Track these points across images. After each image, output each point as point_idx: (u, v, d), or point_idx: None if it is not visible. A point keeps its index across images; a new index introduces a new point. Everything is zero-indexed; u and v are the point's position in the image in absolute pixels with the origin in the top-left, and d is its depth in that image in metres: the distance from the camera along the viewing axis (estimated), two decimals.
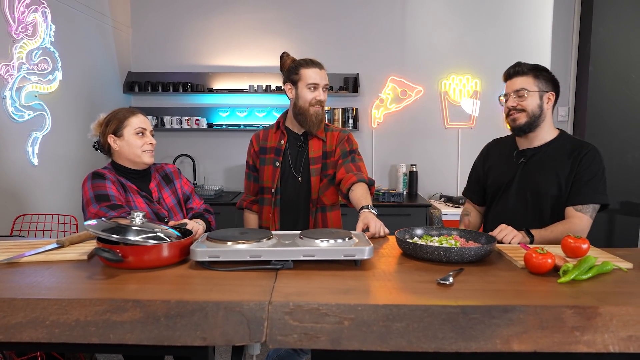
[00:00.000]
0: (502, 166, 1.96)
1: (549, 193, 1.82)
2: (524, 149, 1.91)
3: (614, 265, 1.34)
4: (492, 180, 1.99)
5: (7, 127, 2.81)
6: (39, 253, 1.43)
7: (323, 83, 2.06)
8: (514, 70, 1.86)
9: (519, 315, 1.05)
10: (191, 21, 4.35)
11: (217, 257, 1.32)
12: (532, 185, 1.85)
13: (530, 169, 1.87)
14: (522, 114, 1.83)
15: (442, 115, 4.37)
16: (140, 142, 1.85)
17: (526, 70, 1.84)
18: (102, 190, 1.76)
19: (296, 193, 2.12)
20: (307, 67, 2.05)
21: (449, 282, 1.20)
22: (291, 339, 1.05)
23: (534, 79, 1.83)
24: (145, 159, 1.87)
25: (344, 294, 1.13)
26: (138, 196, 1.85)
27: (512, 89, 1.85)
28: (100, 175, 1.81)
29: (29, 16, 2.94)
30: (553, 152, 1.85)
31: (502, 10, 4.25)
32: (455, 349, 1.04)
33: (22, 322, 1.07)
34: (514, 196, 1.90)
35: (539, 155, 1.87)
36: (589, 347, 1.05)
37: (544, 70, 1.86)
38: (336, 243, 1.38)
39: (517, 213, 1.88)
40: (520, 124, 1.84)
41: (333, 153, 2.12)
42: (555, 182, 1.81)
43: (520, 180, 1.88)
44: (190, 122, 4.25)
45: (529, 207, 1.86)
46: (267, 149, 2.15)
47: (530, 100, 1.82)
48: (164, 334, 1.06)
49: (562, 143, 1.86)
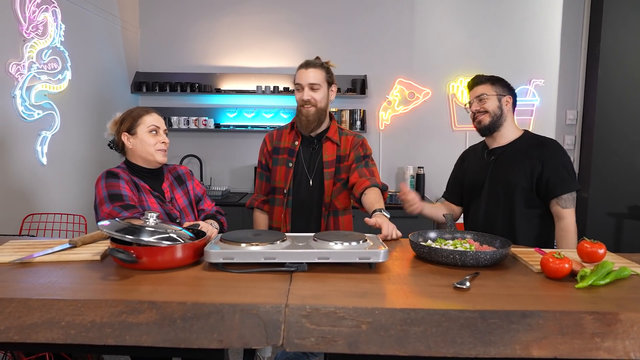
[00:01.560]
0: (476, 166, 2.14)
1: (519, 184, 1.96)
2: (493, 147, 2.08)
3: (632, 271, 1.33)
4: (468, 181, 2.16)
5: (16, 126, 2.82)
6: (52, 253, 1.43)
7: (306, 82, 2.01)
8: (473, 81, 2.10)
9: (538, 320, 1.04)
10: (199, 22, 4.35)
11: (231, 259, 1.31)
12: (503, 179, 2.00)
13: (500, 165, 2.03)
14: (485, 115, 2.03)
15: (450, 117, 4.35)
16: (153, 140, 1.84)
17: (484, 79, 2.07)
18: (115, 189, 1.75)
19: (308, 195, 2.11)
20: (298, 69, 2.05)
21: (465, 287, 1.19)
22: (308, 343, 1.04)
23: (492, 85, 2.04)
24: (158, 158, 1.86)
25: (360, 297, 1.12)
26: (151, 196, 1.85)
27: (474, 95, 2.07)
28: (114, 175, 1.80)
29: (39, 16, 2.95)
30: (519, 148, 2.02)
31: (511, 13, 4.23)
32: (474, 354, 1.03)
33: (38, 323, 1.07)
34: (487, 192, 2.05)
35: (507, 152, 2.04)
36: (609, 354, 1.04)
37: (500, 80, 2.07)
38: (351, 246, 1.37)
39: (490, 209, 2.03)
40: (485, 124, 2.04)
41: (347, 157, 2.10)
42: (523, 174, 1.96)
43: (492, 176, 2.05)
44: (197, 123, 4.25)
45: (501, 201, 2.01)
46: (280, 149, 2.14)
47: (490, 102, 2.02)
48: (180, 336, 1.05)
49: (527, 139, 2.05)
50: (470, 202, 2.15)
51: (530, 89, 4.24)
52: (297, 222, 2.12)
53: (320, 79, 2.03)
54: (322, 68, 2.05)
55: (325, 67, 2.07)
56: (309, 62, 2.05)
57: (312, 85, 2.01)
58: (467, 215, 2.20)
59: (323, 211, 2.10)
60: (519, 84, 4.24)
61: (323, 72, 2.04)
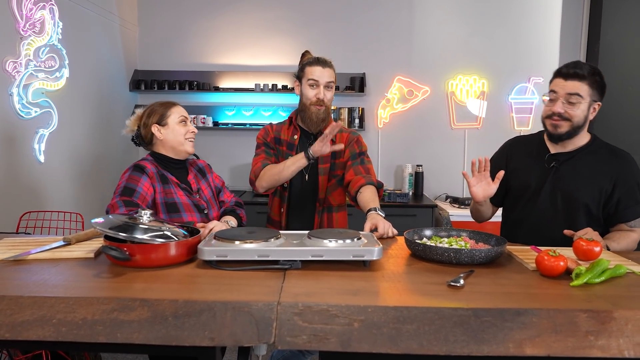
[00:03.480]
0: (530, 169, 1.84)
1: (583, 200, 1.73)
2: (556, 152, 1.81)
3: (627, 269, 1.32)
4: (519, 183, 1.86)
5: (14, 124, 2.81)
6: (46, 250, 1.43)
7: (323, 81, 2.01)
8: (573, 71, 1.67)
9: (532, 318, 1.04)
10: (198, 19, 4.35)
11: (224, 257, 1.31)
12: (565, 191, 1.76)
13: (563, 175, 1.77)
14: (566, 123, 1.71)
15: (449, 115, 4.35)
16: (184, 130, 1.89)
17: (586, 74, 1.67)
18: (133, 183, 1.76)
19: (303, 191, 2.12)
20: (310, 65, 2.03)
21: (459, 284, 1.19)
22: (300, 340, 1.04)
23: (589, 87, 1.68)
24: (187, 147, 1.91)
25: (354, 295, 1.12)
26: (179, 188, 1.87)
27: (565, 91, 1.68)
28: (141, 169, 1.81)
29: (36, 13, 2.94)
30: (588, 158, 1.76)
31: (510, 10, 4.22)
32: (467, 352, 1.03)
33: (29, 320, 1.06)
34: (543, 202, 1.79)
35: (573, 161, 1.77)
36: (603, 352, 1.03)
37: (599, 75, 1.71)
38: (345, 243, 1.37)
39: (544, 219, 1.79)
40: (561, 132, 1.73)
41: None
42: (589, 190, 1.73)
43: (552, 185, 1.78)
44: (196, 121, 4.24)
45: (559, 214, 1.77)
46: (281, 141, 2.14)
47: (581, 109, 1.69)
48: (172, 333, 1.05)
49: (596, 149, 1.78)
50: (516, 204, 1.88)
51: (529, 86, 4.23)
52: (292, 217, 2.13)
53: (334, 79, 2.06)
54: (332, 68, 2.07)
55: (333, 67, 2.08)
56: (324, 60, 2.04)
57: (329, 84, 2.03)
58: (509, 216, 1.95)
59: (317, 207, 2.10)
60: (518, 81, 4.23)
61: (333, 71, 2.07)
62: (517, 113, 4.28)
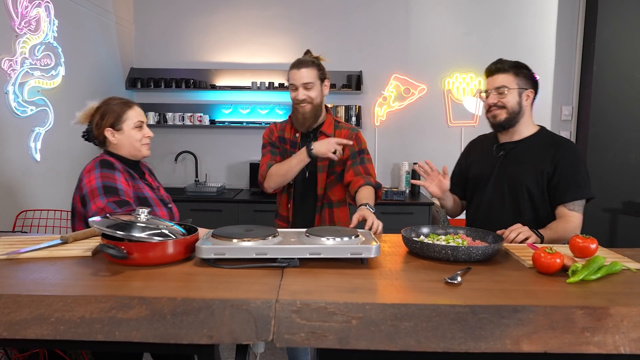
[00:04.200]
0: (483, 160, 2.01)
1: (526, 185, 1.85)
2: (504, 142, 1.95)
3: (623, 266, 1.33)
4: (473, 174, 2.03)
5: (9, 122, 2.80)
6: (43, 249, 1.42)
7: (300, 82, 2.04)
8: (495, 67, 1.88)
9: (529, 315, 1.04)
10: (194, 17, 4.33)
11: (222, 255, 1.31)
12: (509, 177, 1.89)
13: (509, 162, 1.91)
14: (502, 111, 1.86)
15: (445, 113, 4.35)
16: (139, 135, 1.83)
17: (507, 67, 1.86)
18: (111, 182, 1.68)
19: (304, 187, 2.16)
20: (290, 69, 2.09)
21: (457, 282, 1.19)
22: (298, 338, 1.04)
23: (515, 77, 1.85)
24: (144, 152, 1.86)
25: (352, 292, 1.12)
26: (144, 184, 1.86)
27: (493, 85, 1.87)
28: (110, 165, 1.74)
29: (32, 11, 2.93)
30: (532, 146, 1.89)
31: (506, 8, 4.23)
32: (465, 349, 1.03)
33: (27, 319, 1.06)
34: (491, 188, 1.93)
35: (518, 149, 1.90)
36: (599, 348, 1.04)
37: (524, 68, 1.89)
38: (342, 241, 1.37)
39: (494, 205, 1.92)
40: (500, 120, 1.88)
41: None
42: (532, 175, 1.84)
43: (498, 172, 1.92)
44: (192, 119, 4.23)
45: (506, 199, 1.89)
46: (285, 139, 2.19)
47: (510, 97, 1.85)
48: (170, 331, 1.05)
49: (542, 138, 1.91)
50: (472, 195, 2.03)
51: None
52: (296, 212, 2.18)
53: (313, 77, 2.05)
54: (313, 66, 2.06)
55: (317, 63, 2.09)
56: (300, 61, 2.07)
57: (306, 85, 2.04)
58: (467, 209, 2.08)
59: (317, 203, 2.14)
60: None
61: (315, 69, 2.06)
62: None
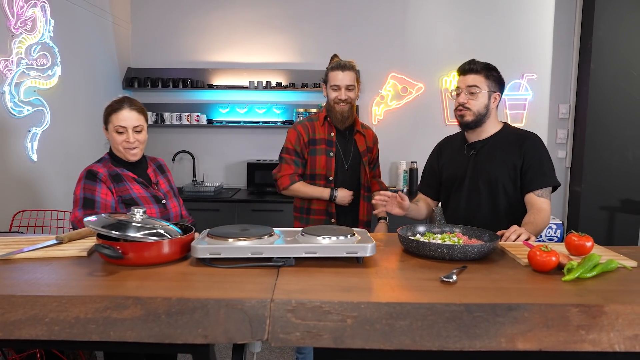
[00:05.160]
0: (455, 160, 2.05)
1: (500, 180, 1.91)
2: (473, 141, 2.00)
3: (618, 264, 1.33)
4: (447, 175, 2.07)
5: (6, 122, 2.79)
6: (38, 249, 1.42)
7: (344, 84, 2.27)
8: (468, 67, 1.93)
9: (524, 313, 1.04)
10: (191, 17, 4.32)
11: (218, 254, 1.31)
12: (484, 174, 1.94)
13: (481, 160, 1.96)
14: (469, 112, 1.92)
15: (443, 112, 4.35)
16: (119, 139, 1.85)
17: (479, 68, 1.92)
18: (90, 194, 1.78)
19: (347, 180, 2.39)
20: (332, 70, 2.30)
21: (452, 280, 1.19)
22: (293, 337, 1.04)
23: (485, 79, 1.92)
24: (128, 156, 1.87)
25: (347, 291, 1.12)
26: (135, 183, 1.88)
27: (465, 84, 1.92)
28: (93, 175, 1.82)
29: (28, 11, 2.92)
30: (500, 142, 1.96)
31: (503, 7, 4.22)
32: (460, 347, 1.04)
33: (22, 319, 1.06)
34: (467, 187, 1.98)
35: (487, 147, 1.97)
36: (594, 346, 1.04)
37: (494, 71, 1.96)
38: (338, 240, 1.37)
39: (471, 203, 1.97)
40: (467, 120, 1.94)
41: (371, 150, 2.49)
42: (505, 170, 1.91)
43: (473, 171, 1.97)
44: (189, 119, 4.23)
45: (483, 196, 1.94)
46: (317, 140, 2.37)
47: (480, 99, 1.91)
48: (165, 331, 1.05)
49: (507, 134, 1.98)
50: (449, 196, 2.07)
51: (522, 83, 4.24)
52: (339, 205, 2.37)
53: (354, 80, 2.31)
54: (353, 70, 2.30)
55: (355, 68, 2.32)
56: (343, 64, 2.28)
57: (348, 87, 2.29)
58: (446, 209, 2.12)
59: (362, 193, 2.42)
60: (511, 78, 4.24)
61: (354, 73, 2.31)
62: (511, 109, 4.29)
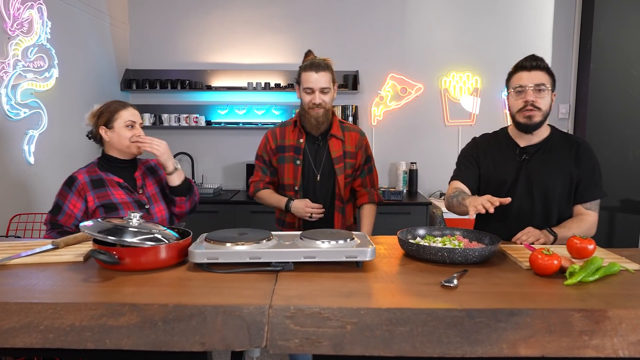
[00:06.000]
0: (503, 164, 1.89)
1: (556, 189, 1.80)
2: (526, 145, 1.86)
3: (621, 267, 1.32)
4: (494, 177, 1.90)
5: (2, 125, 2.78)
6: (34, 254, 1.40)
7: (318, 87, 2.01)
8: (535, 63, 1.76)
9: (526, 318, 1.03)
10: (189, 18, 4.31)
11: (216, 259, 1.29)
12: (539, 181, 1.81)
13: (535, 166, 1.83)
14: (539, 112, 1.76)
15: (442, 112, 4.34)
16: (129, 133, 1.91)
17: (544, 66, 1.77)
18: (61, 201, 1.86)
19: (316, 191, 2.16)
20: (305, 71, 2.04)
21: (453, 285, 1.18)
22: (292, 344, 1.02)
23: (549, 77, 1.77)
24: (133, 150, 1.92)
25: (346, 297, 1.10)
26: (118, 188, 1.90)
27: (532, 82, 1.74)
28: (71, 183, 1.87)
29: (24, 13, 2.90)
30: (552, 148, 1.84)
31: (503, 7, 4.21)
32: (461, 353, 1.02)
33: (16, 327, 1.04)
34: (519, 194, 1.83)
35: (541, 152, 1.85)
36: (597, 352, 1.02)
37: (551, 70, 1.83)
38: (337, 244, 1.35)
39: (523, 210, 1.83)
40: (536, 121, 1.77)
41: (354, 155, 2.16)
42: (560, 178, 1.80)
43: (526, 176, 1.83)
44: (188, 120, 4.21)
45: (536, 204, 1.82)
46: (285, 147, 2.15)
47: (546, 98, 1.76)
48: (162, 339, 1.03)
49: (557, 139, 1.87)
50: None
51: None
52: None
53: (329, 81, 2.04)
54: (328, 70, 2.04)
55: (330, 67, 2.06)
56: (317, 63, 2.02)
57: (323, 89, 2.03)
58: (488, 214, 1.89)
59: (337, 204, 2.16)
60: None
61: (330, 73, 2.04)
62: None
